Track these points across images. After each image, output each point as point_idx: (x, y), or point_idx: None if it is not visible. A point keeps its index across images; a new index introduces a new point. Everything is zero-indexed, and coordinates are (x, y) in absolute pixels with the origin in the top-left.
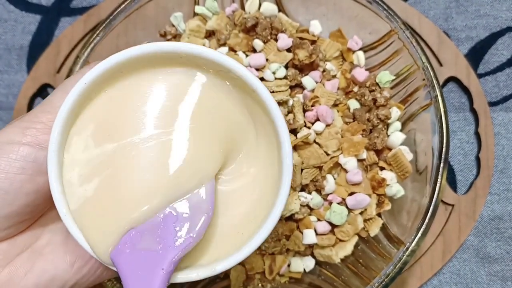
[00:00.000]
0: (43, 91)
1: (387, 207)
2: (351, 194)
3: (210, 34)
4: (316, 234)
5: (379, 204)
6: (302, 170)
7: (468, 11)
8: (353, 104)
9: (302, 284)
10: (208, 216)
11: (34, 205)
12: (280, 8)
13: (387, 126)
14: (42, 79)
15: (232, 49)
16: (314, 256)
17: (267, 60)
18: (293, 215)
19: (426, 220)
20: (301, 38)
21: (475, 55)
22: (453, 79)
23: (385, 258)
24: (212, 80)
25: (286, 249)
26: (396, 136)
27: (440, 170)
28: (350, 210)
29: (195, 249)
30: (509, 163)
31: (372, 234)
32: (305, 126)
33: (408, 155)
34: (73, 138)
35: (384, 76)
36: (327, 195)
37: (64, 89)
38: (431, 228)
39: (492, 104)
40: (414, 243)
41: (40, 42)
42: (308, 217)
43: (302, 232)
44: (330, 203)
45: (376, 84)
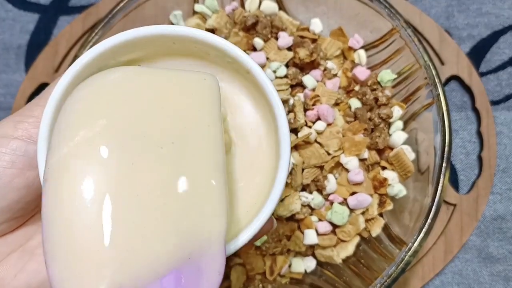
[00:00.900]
0: (41, 91)
1: (389, 207)
2: (353, 194)
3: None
4: (317, 235)
5: (381, 204)
6: (303, 169)
7: (469, 9)
8: (354, 103)
9: (303, 285)
10: (220, 279)
11: (25, 201)
12: (281, 7)
13: (389, 125)
14: (40, 78)
15: None
16: (315, 257)
17: (267, 59)
18: (294, 215)
19: (429, 220)
20: (301, 37)
21: (477, 53)
22: (454, 78)
23: (387, 258)
24: (210, 66)
25: (287, 249)
26: (398, 135)
27: (443, 169)
28: (351, 210)
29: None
30: (511, 162)
31: (373, 234)
32: (306, 125)
33: (410, 155)
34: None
35: (386, 75)
36: (328, 195)
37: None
38: (433, 228)
39: (494, 103)
40: (416, 244)
41: (38, 41)
42: (309, 217)
43: (303, 233)
44: (331, 203)
45: (378, 83)
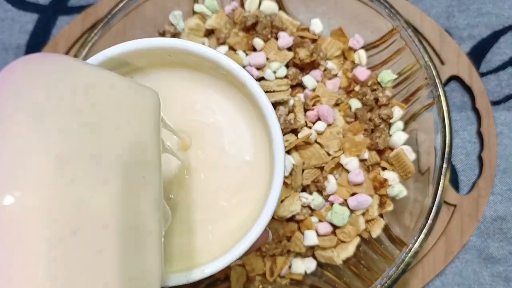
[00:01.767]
0: None
1: (389, 207)
2: (353, 194)
3: (210, 33)
4: (318, 235)
5: (381, 204)
6: (303, 170)
7: (470, 9)
8: (354, 103)
9: (303, 286)
10: None
11: None
12: (281, 7)
13: (389, 125)
14: None
15: (232, 48)
16: (315, 258)
17: (267, 59)
18: (294, 216)
19: (429, 221)
20: (301, 37)
21: (477, 53)
22: (455, 78)
23: (387, 259)
24: (205, 79)
25: (287, 250)
26: (398, 136)
27: (443, 170)
28: (351, 211)
29: (185, 254)
30: (511, 162)
31: (374, 235)
32: (306, 126)
33: (411, 155)
34: None
35: (386, 75)
36: (329, 195)
37: None
38: (433, 228)
39: (494, 103)
40: (417, 244)
41: (37, 42)
42: (309, 218)
43: (303, 233)
44: (332, 204)
45: (378, 83)
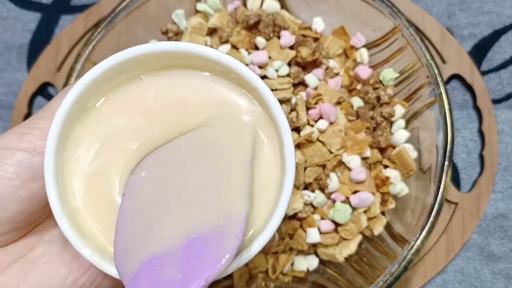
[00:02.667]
0: (43, 90)
1: (391, 205)
2: (355, 192)
3: (212, 32)
4: (320, 233)
5: (383, 202)
6: (305, 168)
7: (471, 8)
8: (356, 102)
9: (305, 283)
10: (237, 244)
11: (28, 212)
12: (283, 5)
13: (391, 124)
14: (42, 77)
15: (234, 46)
16: (317, 255)
17: (269, 57)
18: (296, 213)
19: (431, 218)
20: (303, 36)
21: (479, 52)
22: (456, 77)
23: (389, 256)
24: (216, 80)
25: (290, 248)
26: (400, 134)
27: (445, 168)
28: (353, 209)
29: None
30: None
31: (376, 233)
32: (308, 124)
33: (412, 153)
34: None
35: (388, 74)
36: (331, 193)
37: (65, 95)
38: (435, 226)
39: (495, 101)
40: (418, 242)
41: (40, 40)
42: (312, 215)
43: (305, 231)
44: (334, 201)
45: (380, 81)
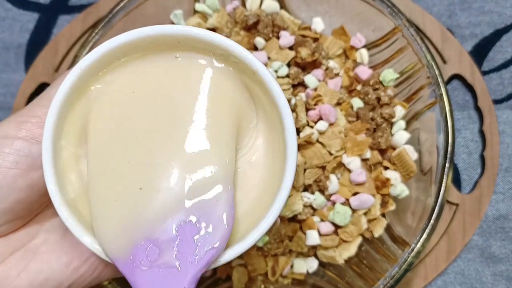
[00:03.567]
0: (41, 90)
1: (391, 207)
2: (355, 194)
3: None
4: (320, 235)
5: (383, 204)
6: (305, 170)
7: (472, 8)
8: (356, 102)
9: (305, 286)
10: (229, 227)
11: (28, 201)
12: (282, 5)
13: (391, 125)
14: (40, 78)
15: None
16: (317, 257)
17: (269, 58)
18: (296, 215)
19: (432, 221)
20: (303, 36)
21: (480, 52)
22: (457, 77)
23: (389, 259)
24: (214, 64)
25: (289, 250)
26: (400, 135)
27: (446, 170)
28: (353, 211)
29: None
30: None
31: (376, 235)
32: (308, 125)
33: (413, 155)
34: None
35: (388, 74)
36: (331, 195)
37: (61, 81)
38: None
39: (496, 101)
40: (419, 244)
41: (38, 41)
42: (311, 217)
43: (305, 233)
44: (334, 203)
45: (380, 82)
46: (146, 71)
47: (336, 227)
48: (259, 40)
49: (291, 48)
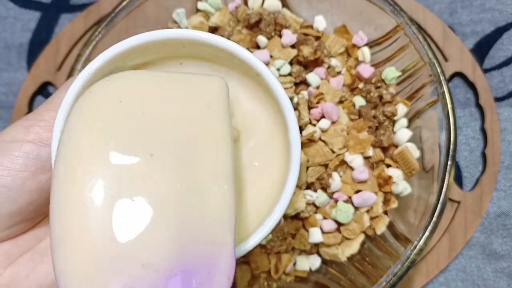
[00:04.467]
0: (43, 89)
1: (394, 205)
2: (357, 192)
3: (213, 31)
4: (322, 233)
5: (386, 202)
6: (307, 168)
7: (473, 5)
8: (358, 101)
9: (308, 283)
10: (228, 281)
11: (37, 203)
12: (284, 4)
13: (393, 123)
14: (42, 77)
15: None
16: (320, 255)
17: (271, 56)
18: (298, 213)
19: (434, 218)
20: (305, 34)
21: (481, 50)
22: (458, 75)
23: (392, 256)
24: (219, 69)
25: (292, 247)
26: (402, 133)
27: (448, 167)
28: (356, 208)
29: None
30: None
31: (378, 232)
32: (310, 123)
33: (415, 152)
34: None
35: (390, 73)
36: (333, 193)
37: (69, 86)
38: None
39: (498, 99)
40: (421, 242)
41: (40, 40)
42: (314, 215)
43: (307, 231)
44: (336, 201)
45: (382, 80)
46: (147, 77)
47: (339, 224)
48: (261, 39)
49: (293, 46)
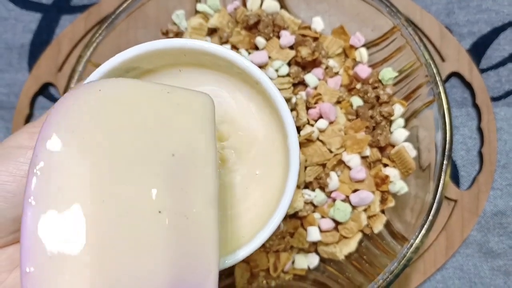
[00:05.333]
0: (44, 90)
1: (391, 204)
2: (355, 191)
3: (212, 32)
4: (320, 231)
5: (383, 201)
6: (305, 167)
7: (470, 6)
8: (356, 101)
9: (306, 281)
10: None
11: None
12: (282, 5)
13: (390, 123)
14: (43, 78)
15: (234, 47)
16: (318, 253)
17: (269, 57)
18: (297, 212)
19: (430, 217)
20: (303, 35)
21: (477, 50)
22: (455, 75)
23: (389, 254)
24: (219, 78)
25: (290, 246)
26: (399, 133)
27: (444, 167)
28: (353, 207)
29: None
30: (511, 158)
31: (375, 231)
32: (308, 123)
33: (411, 152)
34: None
35: (387, 73)
36: (331, 192)
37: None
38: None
39: (494, 99)
40: (418, 240)
41: (41, 41)
42: (312, 214)
43: (306, 229)
44: (334, 200)
45: (379, 81)
46: (135, 88)
47: (337, 223)
48: (260, 40)
49: (291, 47)
